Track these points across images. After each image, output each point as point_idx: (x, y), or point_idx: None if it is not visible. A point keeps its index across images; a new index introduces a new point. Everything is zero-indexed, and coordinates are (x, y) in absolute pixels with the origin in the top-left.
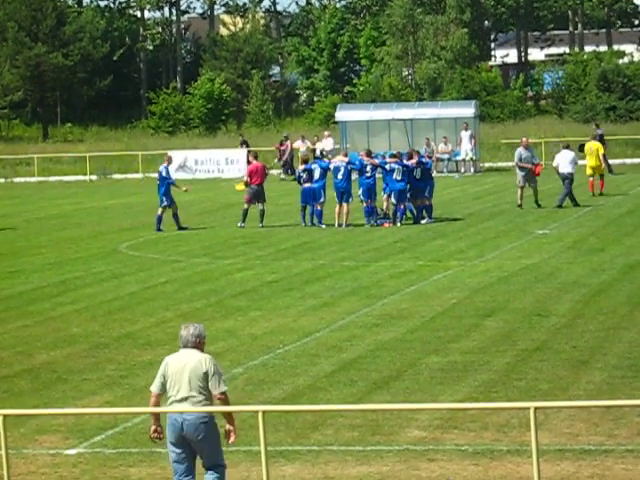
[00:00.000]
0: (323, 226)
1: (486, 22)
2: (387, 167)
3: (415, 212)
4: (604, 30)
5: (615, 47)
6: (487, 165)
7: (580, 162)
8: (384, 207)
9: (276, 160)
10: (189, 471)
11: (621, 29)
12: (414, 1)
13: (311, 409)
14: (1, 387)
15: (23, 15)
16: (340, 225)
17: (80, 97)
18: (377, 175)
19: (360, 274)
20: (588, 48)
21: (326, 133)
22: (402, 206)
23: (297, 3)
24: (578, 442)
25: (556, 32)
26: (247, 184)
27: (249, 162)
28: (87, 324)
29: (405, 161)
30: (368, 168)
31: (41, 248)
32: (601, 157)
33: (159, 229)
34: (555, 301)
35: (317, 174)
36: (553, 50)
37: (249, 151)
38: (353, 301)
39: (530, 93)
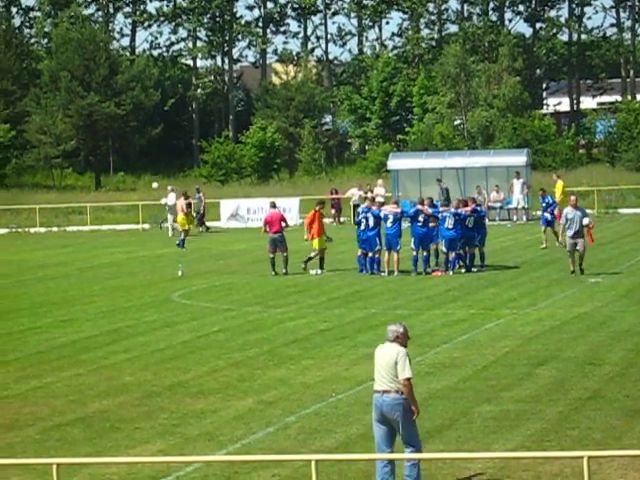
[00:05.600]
0: (382, 274)
1: (538, 70)
2: (439, 216)
3: (467, 260)
4: None
5: None
6: (539, 213)
7: None
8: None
9: (332, 211)
10: (388, 444)
11: None
12: (467, 50)
13: (364, 458)
14: (54, 436)
15: (76, 64)
16: (391, 272)
17: (132, 146)
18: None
19: (412, 323)
20: None
21: (379, 181)
22: (454, 254)
23: (349, 52)
24: None
25: (608, 80)
26: (267, 232)
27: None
28: (139, 373)
29: (459, 209)
30: (420, 217)
31: (94, 297)
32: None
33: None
34: (608, 350)
35: (371, 222)
36: (605, 98)
37: (187, 201)
38: None
39: (582, 141)
